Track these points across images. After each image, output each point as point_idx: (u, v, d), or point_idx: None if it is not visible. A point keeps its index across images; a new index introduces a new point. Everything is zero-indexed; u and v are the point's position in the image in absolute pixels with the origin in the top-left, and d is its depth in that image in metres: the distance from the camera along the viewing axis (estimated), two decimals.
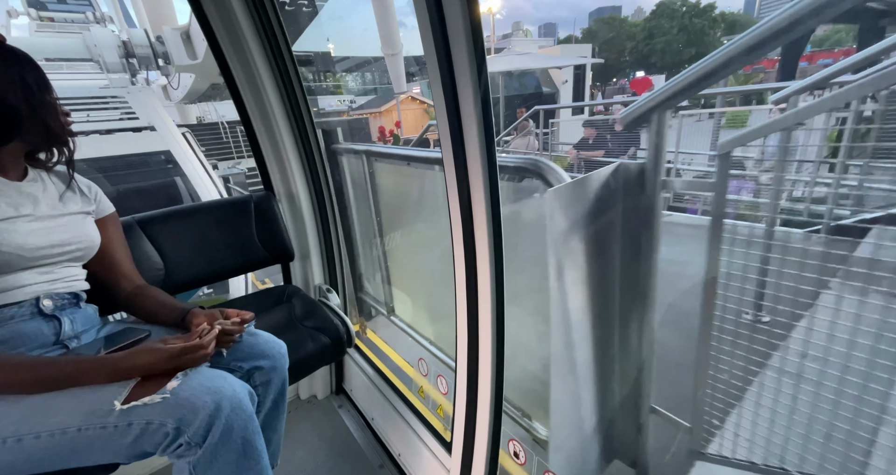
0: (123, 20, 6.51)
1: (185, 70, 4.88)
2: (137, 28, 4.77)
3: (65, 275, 0.77)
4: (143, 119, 3.91)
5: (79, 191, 0.84)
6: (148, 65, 4.70)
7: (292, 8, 4.27)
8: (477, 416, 0.87)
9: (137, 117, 3.91)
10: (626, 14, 51.24)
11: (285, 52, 1.20)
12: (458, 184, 0.70)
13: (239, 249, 1.24)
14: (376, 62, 15.13)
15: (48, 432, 0.60)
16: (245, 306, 1.23)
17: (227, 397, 0.65)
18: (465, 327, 0.80)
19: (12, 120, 0.68)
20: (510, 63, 9.80)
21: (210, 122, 8.93)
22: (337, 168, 1.67)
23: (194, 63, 4.44)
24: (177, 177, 3.80)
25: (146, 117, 3.92)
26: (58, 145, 0.78)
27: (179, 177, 3.79)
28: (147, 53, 4.61)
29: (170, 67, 4.78)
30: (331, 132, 1.57)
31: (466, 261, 0.74)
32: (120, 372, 0.64)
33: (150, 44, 4.61)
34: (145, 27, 4.75)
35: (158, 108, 4.06)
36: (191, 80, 5.38)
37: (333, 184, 1.46)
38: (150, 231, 1.10)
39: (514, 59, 10.07)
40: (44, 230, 0.73)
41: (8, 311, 0.69)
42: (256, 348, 0.84)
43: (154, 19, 4.91)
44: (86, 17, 7.34)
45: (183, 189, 3.77)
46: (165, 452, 0.63)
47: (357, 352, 1.50)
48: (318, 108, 12.50)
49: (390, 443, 1.26)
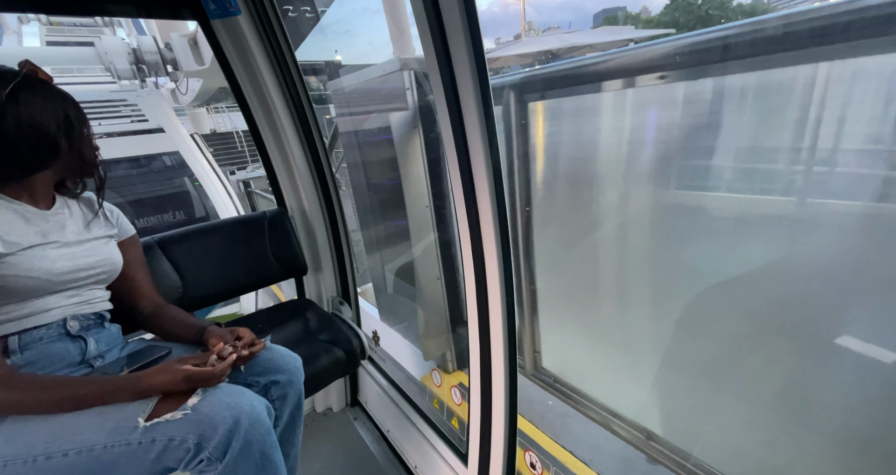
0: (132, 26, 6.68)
1: (193, 75, 5.02)
2: (147, 35, 4.90)
3: (90, 297, 0.80)
4: (153, 121, 4.01)
5: (102, 215, 0.88)
6: (157, 71, 4.86)
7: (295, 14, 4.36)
8: (492, 427, 0.86)
9: (147, 119, 4.00)
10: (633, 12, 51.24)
11: (291, 64, 1.23)
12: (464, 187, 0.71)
13: (254, 265, 1.26)
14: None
15: (76, 450, 0.62)
16: (261, 321, 1.26)
17: (246, 412, 0.66)
18: (476, 339, 0.81)
19: (51, 150, 0.73)
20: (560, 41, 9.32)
21: (224, 132, 9.14)
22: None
23: (202, 69, 4.58)
24: (185, 177, 3.88)
25: (155, 119, 4.02)
26: (89, 174, 0.83)
27: (188, 177, 3.87)
28: (156, 60, 4.76)
29: (178, 73, 4.94)
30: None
31: (476, 275, 0.74)
32: (141, 390, 0.66)
33: (158, 50, 4.77)
34: (154, 34, 4.87)
35: (167, 110, 4.15)
36: (199, 84, 5.53)
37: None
38: (169, 250, 1.14)
39: (563, 37, 9.62)
40: (70, 255, 0.76)
41: (37, 333, 0.72)
42: (273, 363, 0.85)
43: (163, 26, 5.01)
44: (95, 22, 7.49)
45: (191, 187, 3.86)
46: (188, 468, 0.65)
47: (371, 363, 1.51)
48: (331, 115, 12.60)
49: (406, 455, 1.26)
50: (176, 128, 4.09)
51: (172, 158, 4.01)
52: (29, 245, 0.70)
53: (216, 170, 4.06)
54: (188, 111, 7.08)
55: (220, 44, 1.15)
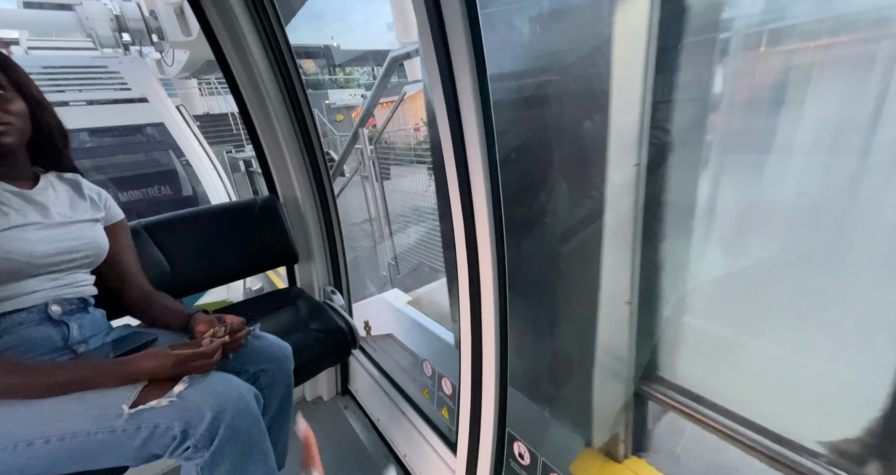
0: None
1: (180, 46, 4.80)
2: (130, 1, 4.69)
3: (73, 281, 0.78)
4: (136, 91, 3.81)
5: (89, 198, 0.85)
6: (141, 39, 4.64)
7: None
8: (482, 417, 0.87)
9: (129, 88, 3.80)
10: None
11: (282, 43, 1.19)
12: (459, 179, 0.70)
13: (244, 252, 1.24)
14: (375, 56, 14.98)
15: (58, 436, 0.61)
16: (251, 309, 1.25)
17: (233, 400, 0.65)
18: (468, 329, 0.81)
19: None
20: None
21: (220, 113, 8.90)
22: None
23: (188, 39, 4.40)
24: (170, 149, 3.73)
25: (139, 89, 3.81)
26: (62, 139, 0.80)
27: (172, 149, 3.73)
28: (140, 27, 4.53)
29: (164, 43, 4.74)
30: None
31: (469, 261, 0.74)
32: (127, 375, 0.65)
33: (143, 18, 4.54)
34: (138, 1, 4.65)
35: (151, 79, 3.94)
36: (185, 56, 5.29)
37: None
38: (157, 236, 1.11)
39: None
40: (53, 238, 0.74)
41: (17, 317, 0.70)
42: (262, 351, 0.84)
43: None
44: None
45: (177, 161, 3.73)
46: (174, 455, 0.64)
47: (362, 353, 1.51)
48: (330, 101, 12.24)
49: (396, 444, 1.26)
50: (160, 98, 3.85)
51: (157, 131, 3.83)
52: (8, 226, 0.68)
53: (203, 144, 3.91)
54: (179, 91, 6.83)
55: (207, 17, 1.11)
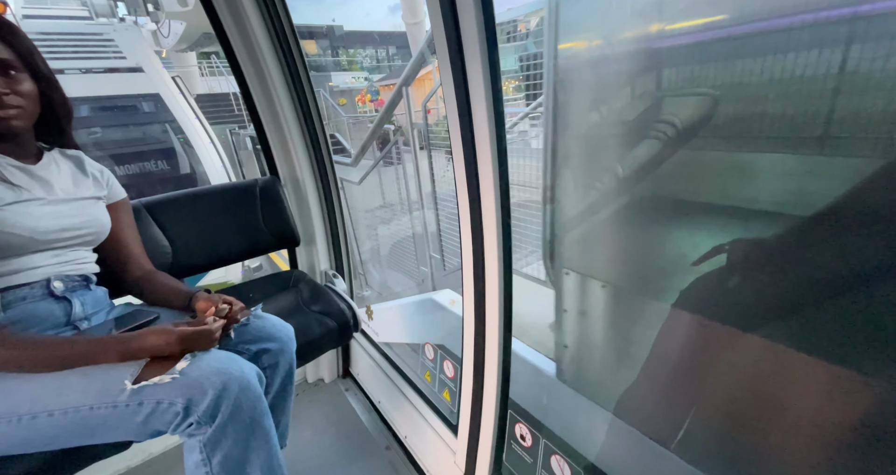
0: None
1: (176, 17, 4.76)
2: None
3: (74, 258, 0.78)
4: (131, 60, 3.75)
5: (91, 175, 0.84)
6: (136, 8, 4.57)
7: None
8: (483, 399, 0.87)
9: (124, 57, 3.74)
10: None
11: (284, 19, 1.16)
12: (466, 164, 0.68)
13: (245, 234, 1.24)
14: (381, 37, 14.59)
15: (61, 410, 0.61)
16: (252, 290, 1.24)
17: (236, 378, 0.65)
18: (471, 308, 0.80)
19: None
20: None
21: (222, 93, 8.80)
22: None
23: (185, 10, 4.33)
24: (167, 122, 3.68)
25: (134, 58, 3.75)
26: (67, 118, 0.78)
27: (168, 122, 3.68)
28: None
29: (159, 13, 4.68)
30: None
31: (473, 238, 0.73)
32: (130, 352, 0.65)
33: None
34: None
35: (146, 49, 3.88)
36: (181, 27, 5.22)
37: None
38: (158, 215, 1.10)
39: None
40: (56, 214, 0.73)
41: (20, 292, 0.69)
42: (264, 331, 0.84)
43: None
44: None
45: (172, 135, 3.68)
46: (176, 431, 0.64)
47: (363, 336, 1.52)
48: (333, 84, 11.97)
49: (396, 426, 1.28)
50: (156, 68, 3.78)
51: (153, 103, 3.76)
52: (12, 201, 0.67)
53: (201, 118, 3.86)
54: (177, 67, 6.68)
55: (214, 4, 1.08)
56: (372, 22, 12.41)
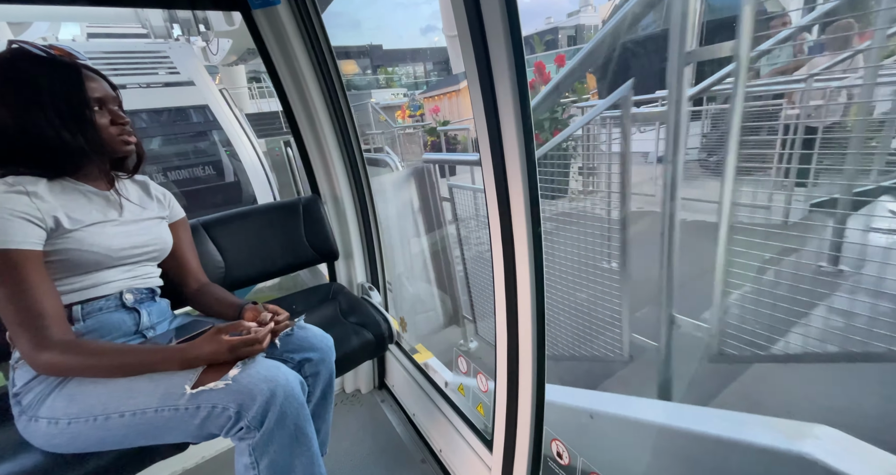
0: None
1: (223, 36, 5.26)
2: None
3: (143, 273, 0.86)
4: (184, 74, 4.14)
5: (156, 198, 0.94)
6: (189, 29, 5.07)
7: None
8: (518, 415, 0.86)
9: (178, 72, 4.14)
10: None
11: (327, 52, 1.24)
12: (496, 174, 0.70)
13: (289, 249, 1.31)
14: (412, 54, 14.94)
15: (131, 411, 0.68)
16: (295, 302, 1.31)
17: (282, 385, 0.69)
18: (504, 323, 0.80)
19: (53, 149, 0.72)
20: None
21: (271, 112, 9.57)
22: None
23: (231, 29, 4.77)
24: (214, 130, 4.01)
25: (186, 72, 4.14)
26: (108, 155, 0.79)
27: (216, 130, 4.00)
28: (188, 17, 5.01)
29: (209, 33, 5.19)
30: None
31: (504, 256, 0.74)
32: (188, 360, 0.71)
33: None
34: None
35: (198, 64, 4.27)
36: (228, 44, 5.76)
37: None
38: (213, 232, 1.20)
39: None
40: (126, 233, 0.82)
41: (97, 304, 0.78)
42: (306, 341, 0.89)
43: None
44: None
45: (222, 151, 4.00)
46: (229, 434, 0.69)
47: (398, 349, 1.54)
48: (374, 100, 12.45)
49: (431, 439, 1.28)
50: (205, 81, 4.17)
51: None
52: (91, 222, 0.76)
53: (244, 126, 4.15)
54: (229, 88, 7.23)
55: (261, 32, 1.19)
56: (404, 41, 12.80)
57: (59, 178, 0.76)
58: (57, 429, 0.69)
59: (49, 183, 0.73)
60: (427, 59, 18.15)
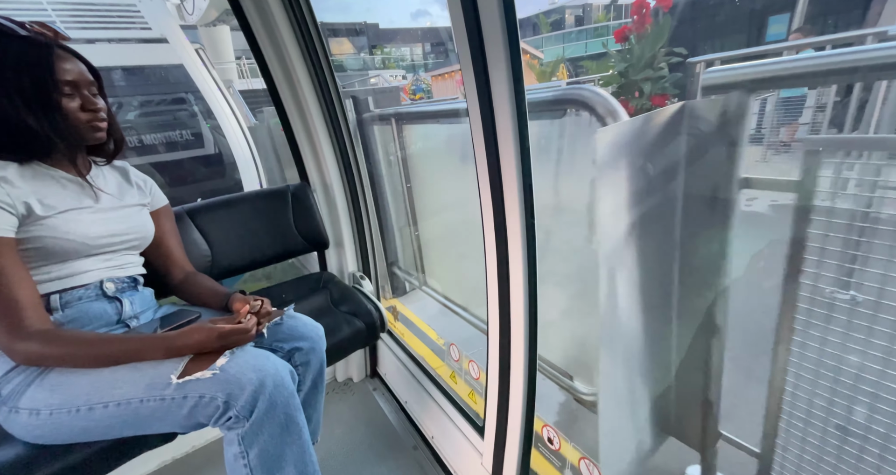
0: None
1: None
2: None
3: (123, 262, 0.84)
4: (156, 31, 3.84)
5: (136, 185, 0.90)
6: None
7: None
8: (510, 402, 0.87)
9: (150, 28, 3.83)
10: None
11: (312, 28, 1.19)
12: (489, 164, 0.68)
13: (278, 237, 1.29)
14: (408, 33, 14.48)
15: (115, 402, 0.66)
16: (285, 291, 1.29)
17: (271, 375, 0.68)
18: (496, 311, 0.80)
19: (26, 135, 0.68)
20: None
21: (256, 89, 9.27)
22: None
23: None
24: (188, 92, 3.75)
25: (158, 29, 3.85)
26: (76, 141, 0.75)
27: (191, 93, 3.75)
28: None
29: None
30: None
31: (497, 240, 0.73)
32: (175, 349, 0.69)
33: None
34: None
35: (170, 21, 3.98)
36: (205, 4, 5.47)
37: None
38: (198, 220, 1.17)
39: None
40: (104, 221, 0.79)
41: (76, 293, 0.75)
42: (296, 330, 0.88)
43: None
44: None
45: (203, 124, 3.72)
46: (217, 424, 0.68)
47: (390, 337, 1.54)
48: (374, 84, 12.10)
49: (423, 426, 1.29)
50: (179, 39, 3.88)
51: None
52: (65, 209, 0.73)
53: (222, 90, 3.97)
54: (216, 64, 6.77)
55: (243, 8, 1.14)
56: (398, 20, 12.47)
57: (30, 162, 0.72)
58: (38, 420, 0.67)
59: (20, 167, 0.70)
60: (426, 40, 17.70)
